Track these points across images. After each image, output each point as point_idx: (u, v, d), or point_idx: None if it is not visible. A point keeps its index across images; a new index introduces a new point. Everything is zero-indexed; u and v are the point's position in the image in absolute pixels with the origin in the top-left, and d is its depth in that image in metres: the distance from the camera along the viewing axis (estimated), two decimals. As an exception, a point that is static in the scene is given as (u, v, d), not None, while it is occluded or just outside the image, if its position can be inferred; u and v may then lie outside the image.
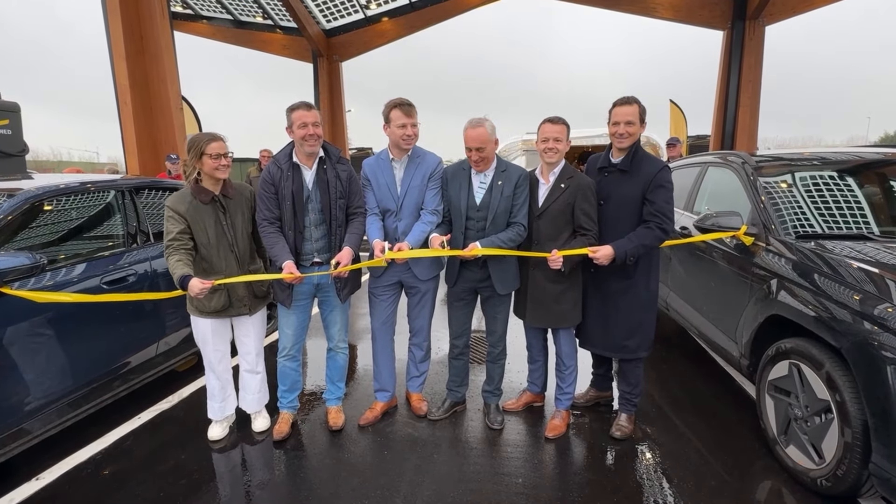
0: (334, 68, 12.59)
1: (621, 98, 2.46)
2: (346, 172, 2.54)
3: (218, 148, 2.34)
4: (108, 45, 6.04)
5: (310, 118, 2.38)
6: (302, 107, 2.40)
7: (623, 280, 2.48)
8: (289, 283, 2.45)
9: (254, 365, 2.70)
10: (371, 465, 2.43)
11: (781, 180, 2.93)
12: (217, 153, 2.34)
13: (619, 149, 2.47)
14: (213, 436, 2.67)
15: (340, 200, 2.51)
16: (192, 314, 2.52)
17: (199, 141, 2.33)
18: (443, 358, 3.57)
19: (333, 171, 2.50)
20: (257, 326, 2.67)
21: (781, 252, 2.48)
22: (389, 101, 2.56)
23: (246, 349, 2.67)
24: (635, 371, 2.62)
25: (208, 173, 2.37)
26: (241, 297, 2.52)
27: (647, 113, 2.47)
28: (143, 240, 3.09)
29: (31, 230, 2.53)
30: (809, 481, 2.15)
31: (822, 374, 2.05)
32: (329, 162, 2.52)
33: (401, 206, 2.62)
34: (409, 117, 2.51)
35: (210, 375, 2.64)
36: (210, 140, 2.33)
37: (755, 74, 9.60)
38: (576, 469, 2.41)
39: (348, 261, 2.45)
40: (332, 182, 2.48)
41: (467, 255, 2.42)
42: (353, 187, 2.55)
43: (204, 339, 2.55)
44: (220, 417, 2.70)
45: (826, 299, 2.09)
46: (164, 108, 6.33)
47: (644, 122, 2.45)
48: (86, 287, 2.61)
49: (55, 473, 2.40)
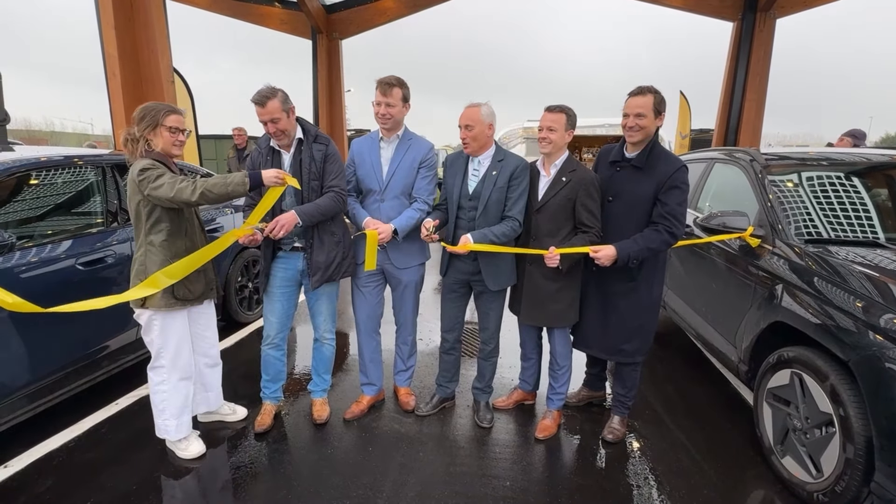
0: (334, 46, 12.25)
1: (634, 89, 2.29)
2: (322, 152, 2.39)
3: (176, 122, 2.11)
4: (97, 12, 5.78)
5: (265, 115, 2.20)
6: (257, 101, 2.19)
7: (626, 282, 2.36)
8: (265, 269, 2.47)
9: (216, 357, 2.56)
10: (354, 463, 2.35)
11: (791, 180, 2.82)
12: (175, 127, 2.11)
13: (632, 143, 2.33)
14: (194, 452, 2.33)
15: (314, 182, 2.37)
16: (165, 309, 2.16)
17: (157, 110, 2.08)
18: (434, 350, 3.49)
19: (309, 151, 2.36)
20: (213, 315, 2.52)
21: (789, 256, 2.38)
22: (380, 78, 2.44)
23: (209, 343, 2.50)
24: (632, 374, 2.54)
25: (164, 149, 2.11)
26: (211, 279, 2.39)
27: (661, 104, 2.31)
28: (123, 219, 2.95)
29: (4, 205, 2.39)
30: (805, 495, 2.08)
31: (826, 387, 1.97)
32: (306, 142, 2.38)
33: (385, 187, 2.50)
34: (385, 96, 2.38)
35: (176, 386, 2.28)
36: (169, 111, 2.10)
37: (763, 68, 9.39)
38: (566, 473, 2.34)
39: (285, 223, 2.19)
40: (306, 163, 2.35)
41: (459, 250, 2.31)
42: (328, 167, 2.40)
43: (180, 338, 2.26)
44: (186, 433, 2.35)
45: (835, 309, 1.99)
46: (154, 80, 6.09)
47: (661, 115, 2.27)
48: (61, 267, 2.48)
49: (25, 461, 2.30)
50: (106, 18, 5.73)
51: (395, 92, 2.40)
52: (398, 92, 2.41)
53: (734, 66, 9.51)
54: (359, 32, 12.48)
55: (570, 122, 2.32)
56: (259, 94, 2.22)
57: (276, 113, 2.22)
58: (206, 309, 2.46)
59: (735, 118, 9.55)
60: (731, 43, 9.76)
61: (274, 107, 2.21)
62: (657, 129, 2.31)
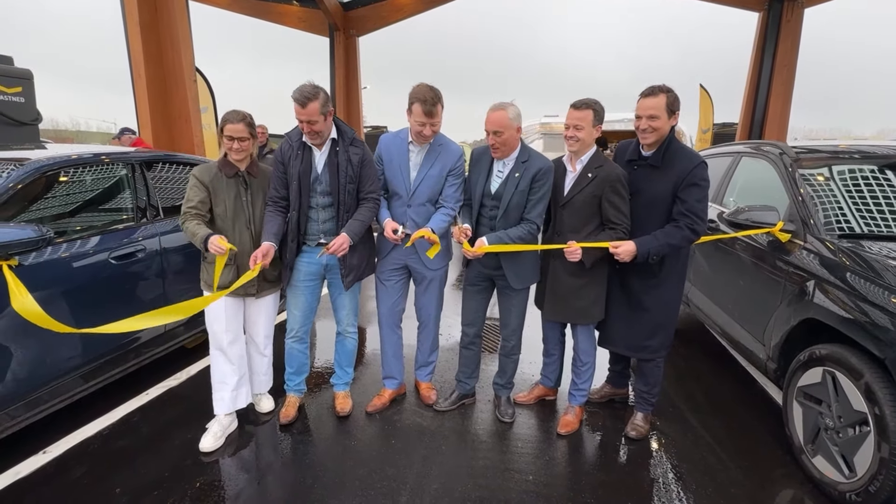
0: (351, 43, 12.30)
1: (646, 89, 2.25)
2: (359, 156, 2.40)
3: (230, 130, 2.29)
4: (123, 14, 5.92)
5: (303, 115, 2.22)
6: (297, 100, 2.20)
7: (651, 278, 2.34)
8: (289, 264, 2.46)
9: (262, 347, 2.65)
10: (378, 455, 2.38)
11: (822, 174, 2.74)
12: (230, 135, 2.30)
13: (646, 144, 2.30)
14: (205, 446, 2.37)
15: (350, 185, 2.39)
16: (206, 290, 2.44)
17: (224, 119, 2.32)
18: (454, 345, 3.50)
19: (345, 154, 2.38)
20: (269, 309, 2.60)
21: (821, 251, 2.32)
22: (416, 90, 2.33)
23: (255, 330, 2.60)
24: (655, 370, 2.51)
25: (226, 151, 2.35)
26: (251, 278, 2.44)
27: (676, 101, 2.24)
28: (153, 214, 3.02)
29: (39, 201, 2.47)
30: (837, 495, 2.04)
31: (861, 385, 1.92)
32: (342, 143, 2.40)
33: (413, 193, 2.50)
34: (430, 117, 2.32)
35: (219, 360, 2.45)
36: (227, 121, 2.30)
37: (790, 60, 9.12)
38: (588, 468, 2.33)
39: (338, 246, 2.29)
40: (343, 165, 2.36)
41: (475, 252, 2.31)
42: (364, 171, 2.41)
43: (216, 318, 2.41)
44: (229, 410, 2.48)
45: (870, 305, 1.94)
46: (177, 79, 6.21)
47: (675, 114, 2.23)
48: (94, 261, 2.56)
49: (62, 447, 2.39)
50: (132, 19, 5.86)
51: (439, 110, 2.33)
52: (440, 109, 2.34)
53: (760, 58, 9.26)
54: (375, 29, 12.51)
55: (597, 118, 2.28)
56: (301, 94, 2.19)
57: (315, 115, 2.22)
58: (257, 301, 2.52)
59: (760, 112, 9.31)
60: (756, 34, 9.51)
61: (313, 109, 2.21)
62: (672, 127, 2.28)
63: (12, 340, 2.15)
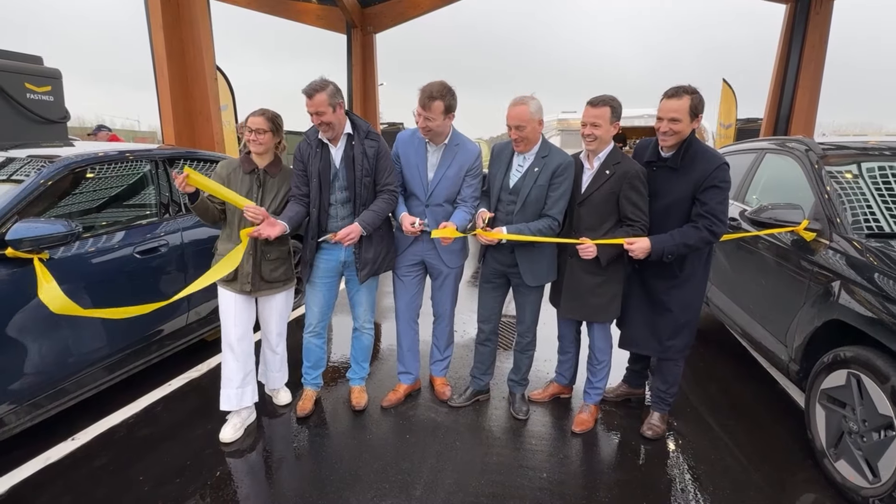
0: (368, 40, 12.34)
1: (670, 90, 2.18)
2: (374, 149, 2.42)
3: (252, 123, 2.37)
4: (146, 14, 6.06)
5: (311, 106, 2.27)
6: (305, 92, 2.28)
7: (673, 278, 2.31)
8: (310, 260, 2.52)
9: (274, 345, 2.67)
10: (393, 449, 2.41)
11: (850, 171, 2.66)
12: (251, 128, 2.37)
13: (665, 146, 2.26)
14: (225, 437, 2.42)
15: (366, 178, 2.41)
16: (219, 285, 2.48)
17: (249, 114, 2.41)
18: (469, 342, 3.51)
19: (361, 148, 2.40)
20: (280, 307, 2.61)
21: (847, 251, 2.26)
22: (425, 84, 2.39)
23: (268, 328, 2.63)
24: (674, 369, 2.48)
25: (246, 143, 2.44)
26: (245, 273, 2.42)
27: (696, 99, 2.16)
28: (175, 210, 3.10)
29: (69, 197, 2.55)
30: (860, 499, 1.99)
31: (887, 388, 1.86)
32: (357, 137, 2.42)
33: (431, 194, 2.51)
34: (424, 109, 2.35)
35: (228, 356, 2.44)
36: (251, 115, 2.40)
37: (818, 54, 8.82)
38: (603, 467, 2.32)
39: (347, 235, 2.34)
40: (359, 159, 2.39)
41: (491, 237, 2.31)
42: (380, 164, 2.44)
43: (226, 312, 2.45)
44: (235, 406, 2.45)
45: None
46: (199, 77, 6.33)
47: (698, 117, 2.17)
48: (120, 255, 2.64)
49: (90, 434, 2.48)
50: (155, 19, 5.98)
51: (436, 105, 2.32)
52: (439, 105, 2.32)
53: (787, 52, 8.98)
54: (392, 26, 12.52)
55: (614, 115, 2.25)
56: (309, 86, 2.27)
57: (322, 106, 2.27)
58: (269, 298, 2.55)
59: (787, 107, 9.03)
60: (783, 27, 9.22)
61: (321, 100, 2.26)
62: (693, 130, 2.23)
63: (39, 334, 2.23)
